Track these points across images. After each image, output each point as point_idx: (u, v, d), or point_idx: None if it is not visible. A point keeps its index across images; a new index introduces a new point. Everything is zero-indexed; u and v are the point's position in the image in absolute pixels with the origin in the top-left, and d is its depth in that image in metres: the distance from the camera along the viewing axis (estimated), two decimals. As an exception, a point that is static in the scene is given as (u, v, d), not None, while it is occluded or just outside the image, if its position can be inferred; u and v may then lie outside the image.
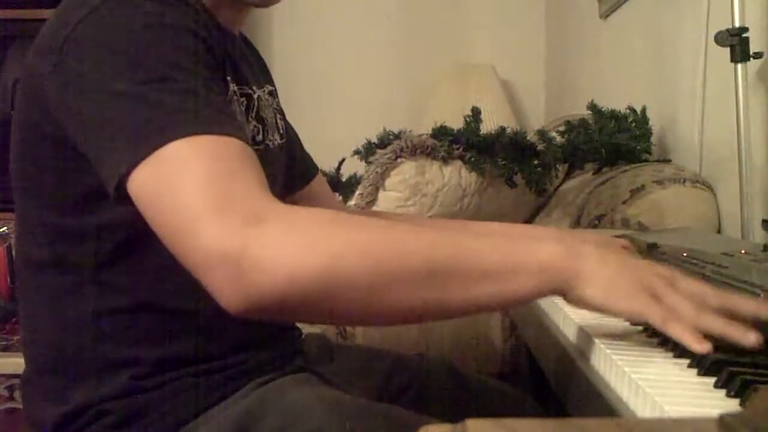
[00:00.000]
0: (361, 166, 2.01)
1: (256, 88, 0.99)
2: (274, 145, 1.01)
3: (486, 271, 0.65)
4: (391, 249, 0.65)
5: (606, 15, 2.36)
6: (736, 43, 1.28)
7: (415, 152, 1.62)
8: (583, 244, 0.72)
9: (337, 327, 1.48)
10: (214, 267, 0.63)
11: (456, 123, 1.73)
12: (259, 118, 0.98)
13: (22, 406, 0.96)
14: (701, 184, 1.48)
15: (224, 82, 0.89)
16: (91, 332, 0.85)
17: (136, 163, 0.68)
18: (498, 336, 1.65)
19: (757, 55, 1.30)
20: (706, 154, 1.56)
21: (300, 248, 0.62)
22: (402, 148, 1.62)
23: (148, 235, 0.69)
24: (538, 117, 3.24)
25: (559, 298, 0.68)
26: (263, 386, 0.87)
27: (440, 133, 1.68)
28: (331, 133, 2.58)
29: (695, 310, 0.63)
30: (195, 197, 0.65)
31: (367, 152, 1.98)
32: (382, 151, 1.65)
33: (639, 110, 1.76)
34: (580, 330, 0.74)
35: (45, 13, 2.46)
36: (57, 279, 0.86)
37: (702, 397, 0.55)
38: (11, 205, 0.89)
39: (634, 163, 1.68)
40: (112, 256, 0.84)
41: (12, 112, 0.87)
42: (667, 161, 1.71)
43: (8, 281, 2.44)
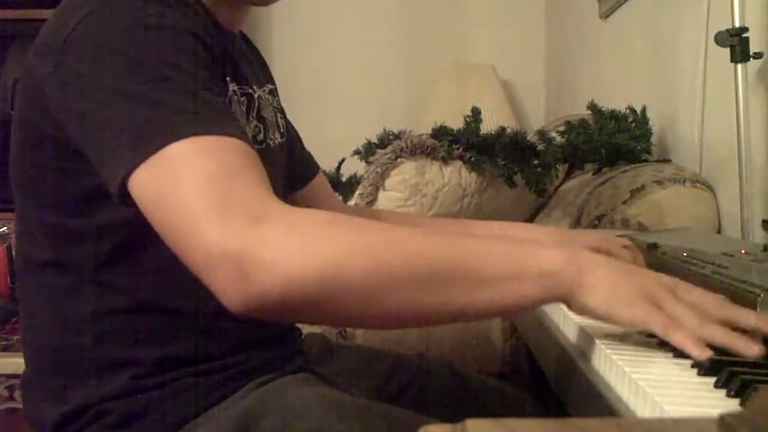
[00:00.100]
0: (361, 166, 2.01)
1: (257, 87, 0.99)
2: (275, 144, 1.01)
3: (488, 276, 0.65)
4: (392, 251, 0.64)
5: (606, 15, 2.36)
6: (736, 43, 1.28)
7: (415, 152, 1.62)
8: (580, 247, 0.72)
9: (337, 327, 1.48)
10: (215, 267, 0.63)
11: (456, 123, 1.73)
12: (260, 118, 0.98)
13: (22, 406, 0.96)
14: (701, 184, 1.48)
15: (224, 82, 0.89)
16: (91, 332, 0.85)
17: (137, 164, 0.68)
18: (498, 336, 1.65)
19: (757, 55, 1.30)
20: (706, 154, 1.56)
21: (301, 249, 0.62)
22: (402, 148, 1.61)
23: (148, 236, 0.69)
24: (538, 117, 3.24)
25: None
26: (263, 386, 0.87)
27: (440, 133, 1.67)
28: (331, 133, 2.57)
29: (697, 320, 0.63)
30: (196, 198, 0.65)
31: (367, 152, 1.98)
32: (382, 151, 1.65)
33: (639, 110, 1.76)
34: (580, 330, 0.74)
35: (45, 13, 2.46)
36: (57, 279, 0.86)
37: (702, 397, 0.55)
38: (11, 205, 0.89)
39: (634, 163, 1.68)
40: (112, 256, 0.84)
41: (12, 112, 0.87)
42: (667, 161, 1.71)
43: (8, 281, 2.44)
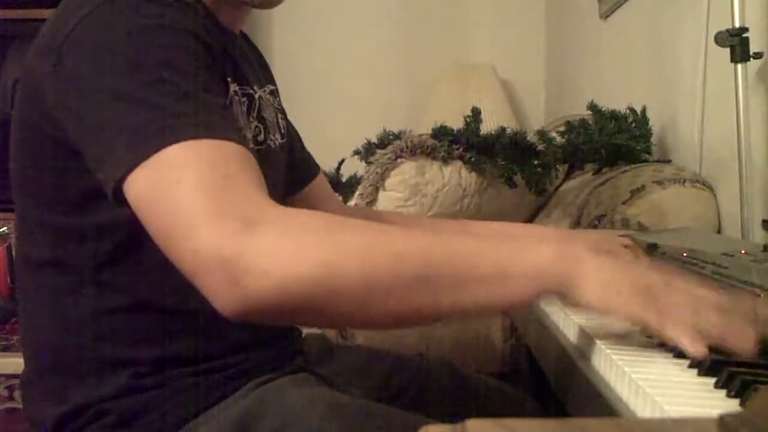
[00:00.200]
0: (361, 166, 2.01)
1: (257, 87, 0.99)
2: (276, 145, 1.01)
3: (481, 275, 0.65)
4: (386, 254, 0.64)
5: (606, 15, 2.36)
6: (736, 44, 1.28)
7: (415, 152, 1.62)
8: (580, 246, 0.71)
9: (330, 329, 1.48)
10: (208, 271, 0.63)
11: (456, 123, 1.73)
12: (261, 118, 0.98)
13: (21, 406, 0.96)
14: (701, 184, 1.48)
15: (224, 83, 0.89)
16: (90, 332, 0.85)
17: (133, 166, 0.68)
18: (498, 336, 1.65)
19: (757, 55, 1.30)
20: (706, 154, 1.56)
21: (294, 253, 0.62)
22: (402, 148, 1.61)
23: (148, 235, 0.69)
24: (538, 117, 3.24)
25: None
26: (263, 386, 0.87)
27: (440, 133, 1.68)
28: (331, 133, 2.57)
29: (692, 314, 0.63)
30: (191, 202, 0.65)
31: (367, 152, 1.98)
32: (382, 151, 1.65)
33: (639, 110, 1.76)
34: (580, 330, 0.74)
35: (45, 13, 2.46)
36: (56, 279, 0.86)
37: (702, 397, 0.55)
38: (11, 205, 0.89)
39: (634, 164, 1.68)
40: (111, 255, 0.84)
41: (12, 112, 0.87)
42: (667, 161, 1.71)
43: (8, 281, 2.44)
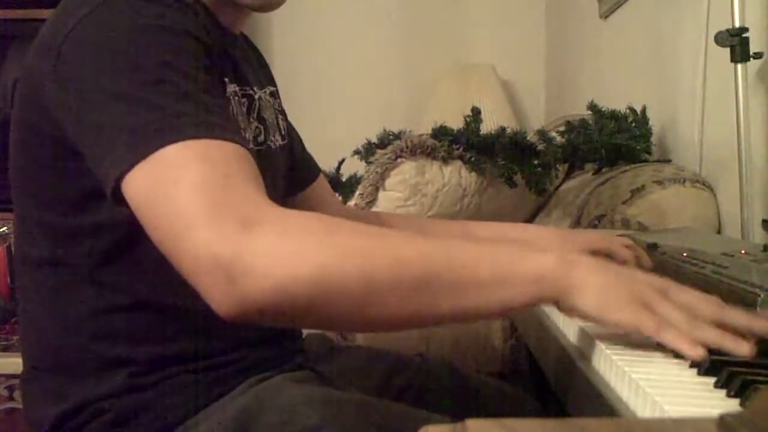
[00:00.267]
0: (361, 166, 2.01)
1: (258, 88, 0.99)
2: (276, 145, 1.01)
3: (480, 280, 0.65)
4: (385, 257, 0.64)
5: (606, 15, 2.36)
6: (736, 44, 1.28)
7: (415, 152, 1.62)
8: (579, 247, 0.71)
9: (328, 331, 1.48)
10: (206, 272, 0.63)
11: (456, 123, 1.73)
12: (261, 119, 0.98)
13: (21, 406, 0.96)
14: (701, 184, 1.48)
15: (222, 83, 0.89)
16: (89, 331, 0.85)
17: (132, 166, 0.68)
18: (498, 336, 1.65)
19: (757, 55, 1.30)
20: (706, 154, 1.56)
21: (292, 255, 0.62)
22: (402, 148, 1.61)
23: (146, 235, 0.69)
24: (538, 117, 3.24)
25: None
26: (262, 383, 0.87)
27: (440, 133, 1.68)
28: (331, 133, 2.57)
29: (688, 321, 0.63)
30: (189, 202, 0.65)
31: (367, 152, 1.98)
32: (382, 151, 1.65)
33: (639, 110, 1.76)
34: (580, 330, 0.74)
35: (45, 13, 2.46)
36: (55, 278, 0.86)
37: (702, 397, 0.55)
38: (11, 205, 0.89)
39: (634, 163, 1.68)
40: (110, 255, 0.84)
41: (12, 111, 0.87)
42: (667, 161, 1.71)
43: (8, 281, 2.44)
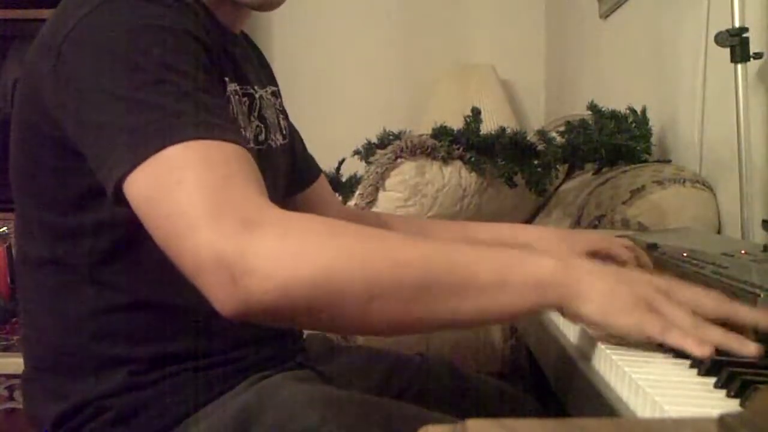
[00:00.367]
0: (361, 166, 2.01)
1: (258, 87, 0.99)
2: (277, 145, 1.01)
3: (481, 284, 0.65)
4: (387, 260, 0.64)
5: (606, 15, 2.36)
6: (736, 44, 1.28)
7: (415, 152, 1.62)
8: (579, 249, 0.71)
9: (329, 333, 1.48)
10: (208, 272, 0.63)
11: (456, 123, 1.73)
12: (261, 118, 0.98)
13: (22, 405, 0.96)
14: (701, 184, 1.48)
15: (222, 83, 0.89)
16: (89, 330, 0.85)
17: (134, 166, 0.68)
18: (498, 336, 1.65)
19: (757, 55, 1.30)
20: (706, 154, 1.56)
21: (294, 256, 0.62)
22: (402, 149, 1.61)
23: (147, 233, 0.69)
24: (538, 117, 3.24)
25: None
26: (262, 381, 0.87)
27: (440, 133, 1.67)
28: (331, 133, 2.57)
29: (693, 322, 0.63)
30: (191, 203, 0.65)
31: (367, 152, 1.98)
32: (382, 151, 1.65)
33: (639, 110, 1.76)
34: (580, 330, 0.74)
35: (45, 13, 2.46)
36: (55, 277, 0.86)
37: (702, 397, 0.55)
38: (11, 205, 0.89)
39: (634, 164, 1.68)
40: (110, 254, 0.84)
41: (12, 111, 0.87)
42: (667, 161, 1.71)
43: (8, 281, 2.44)
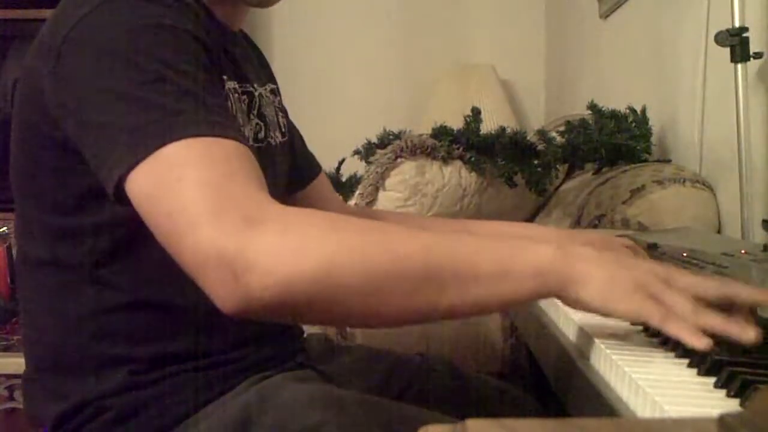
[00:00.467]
0: (361, 166, 2.01)
1: (258, 85, 0.99)
2: (276, 143, 1.01)
3: (481, 274, 0.65)
4: (386, 253, 0.65)
5: (606, 15, 2.36)
6: (736, 43, 1.28)
7: (415, 152, 1.62)
8: (579, 245, 0.72)
9: (332, 327, 1.48)
10: (209, 269, 0.63)
11: (456, 123, 1.73)
12: (261, 116, 0.98)
13: (22, 405, 0.96)
14: (701, 184, 1.48)
15: (221, 81, 0.89)
16: (89, 330, 0.85)
17: (134, 165, 0.68)
18: (498, 336, 1.65)
19: (757, 55, 1.30)
20: (706, 154, 1.56)
21: (295, 251, 0.62)
22: (402, 148, 1.62)
23: (147, 233, 0.69)
24: (538, 117, 3.24)
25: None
26: (263, 381, 0.87)
27: (440, 133, 1.68)
28: (331, 133, 2.57)
29: (693, 308, 0.63)
30: (192, 200, 0.65)
31: (367, 152, 1.98)
32: (382, 151, 1.65)
33: (639, 110, 1.76)
34: (580, 330, 0.74)
35: (45, 13, 2.46)
36: (56, 277, 0.86)
37: (702, 397, 0.55)
38: (11, 205, 0.89)
39: (634, 163, 1.68)
40: (110, 253, 0.84)
41: (12, 111, 0.87)
42: (667, 161, 1.71)
43: (8, 281, 2.44)
